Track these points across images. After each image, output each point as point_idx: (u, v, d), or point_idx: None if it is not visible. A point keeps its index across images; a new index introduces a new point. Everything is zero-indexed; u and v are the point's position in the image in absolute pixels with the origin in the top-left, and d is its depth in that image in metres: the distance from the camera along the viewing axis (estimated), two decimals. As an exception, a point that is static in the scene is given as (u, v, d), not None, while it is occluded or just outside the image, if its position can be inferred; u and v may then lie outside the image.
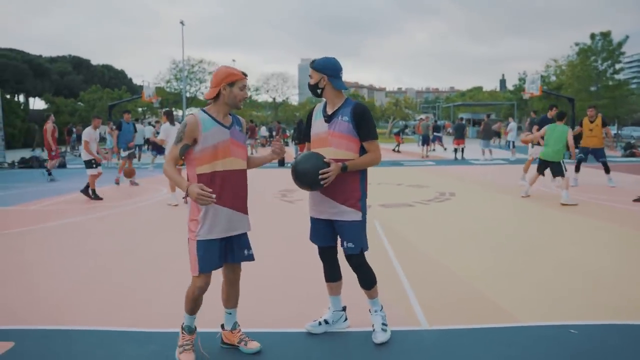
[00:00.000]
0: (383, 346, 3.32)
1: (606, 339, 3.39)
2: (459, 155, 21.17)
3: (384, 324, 3.43)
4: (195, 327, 3.26)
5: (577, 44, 36.36)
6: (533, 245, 5.99)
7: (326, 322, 3.56)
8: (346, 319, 3.63)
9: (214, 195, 2.94)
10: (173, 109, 41.09)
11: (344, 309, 3.63)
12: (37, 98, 49.72)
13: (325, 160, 3.20)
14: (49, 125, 13.01)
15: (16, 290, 4.62)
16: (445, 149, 25.76)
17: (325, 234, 3.42)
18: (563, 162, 9.29)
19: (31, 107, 48.23)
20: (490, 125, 20.10)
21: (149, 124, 34.67)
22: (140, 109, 46.59)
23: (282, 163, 17.83)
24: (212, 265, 3.11)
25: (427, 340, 3.43)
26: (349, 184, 3.30)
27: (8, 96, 37.59)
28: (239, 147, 3.19)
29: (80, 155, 14.20)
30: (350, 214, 3.32)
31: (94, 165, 10.07)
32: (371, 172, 3.47)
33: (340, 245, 3.43)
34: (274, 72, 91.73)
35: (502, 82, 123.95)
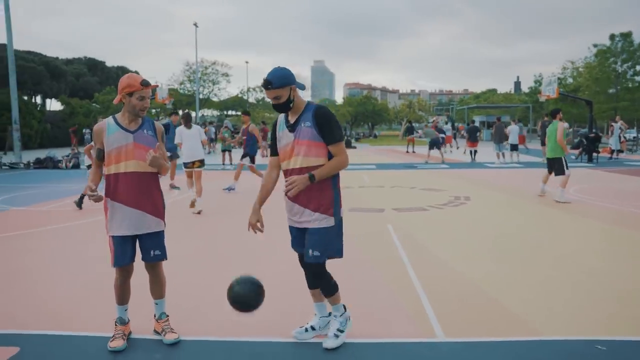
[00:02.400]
0: (399, 356, 3.18)
1: (637, 357, 3.20)
2: (472, 158, 20.98)
3: (339, 330, 3.36)
4: (128, 319, 3.51)
5: (595, 45, 35.85)
6: (555, 254, 5.79)
7: (313, 328, 3.48)
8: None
9: (96, 194, 3.20)
10: (187, 110, 41.21)
11: (330, 314, 3.51)
12: (53, 99, 50.27)
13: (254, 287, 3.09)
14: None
15: (22, 293, 4.56)
16: (451, 151, 25.50)
17: (301, 241, 3.31)
18: (565, 159, 9.43)
19: (47, 108, 48.76)
20: (502, 128, 19.90)
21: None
22: (153, 111, 46.85)
23: None
24: (125, 260, 3.35)
25: (443, 352, 3.28)
26: (320, 191, 3.20)
27: (25, 98, 38.05)
28: (144, 150, 3.32)
29: None
30: (321, 221, 3.21)
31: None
32: (384, 175, 3.33)
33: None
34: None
35: (517, 84, 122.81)
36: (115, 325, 3.46)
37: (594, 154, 20.00)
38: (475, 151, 21.23)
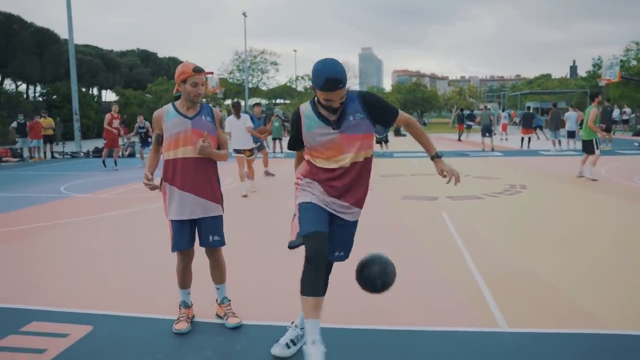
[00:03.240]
0: (463, 345, 3.14)
1: None
2: (525, 145, 20.35)
3: (292, 341, 3.07)
4: (192, 303, 3.60)
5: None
6: (617, 243, 5.55)
7: (293, 342, 3.10)
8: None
9: (151, 183, 3.34)
10: (237, 99, 41.76)
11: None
12: (108, 90, 52.17)
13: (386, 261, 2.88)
14: (108, 115, 13.91)
15: (94, 275, 4.80)
16: (506, 139, 24.71)
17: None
18: (596, 140, 10.40)
19: (103, 99, 50.69)
20: (559, 114, 19.12)
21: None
22: (204, 100, 47.85)
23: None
24: (183, 245, 3.42)
25: (507, 342, 3.21)
26: (363, 184, 2.98)
27: (83, 89, 39.70)
28: (202, 135, 3.35)
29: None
30: (355, 215, 3.01)
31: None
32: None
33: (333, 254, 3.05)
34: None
35: (573, 68, 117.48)
36: (180, 308, 3.57)
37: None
38: (530, 138, 20.57)
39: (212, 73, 4.02)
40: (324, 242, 2.78)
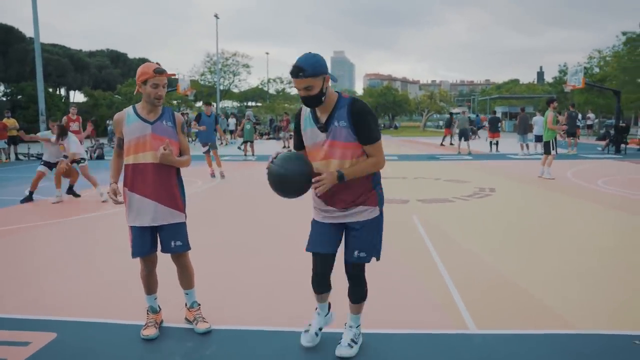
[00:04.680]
0: (432, 347, 3.16)
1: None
2: (494, 149, 20.84)
3: (353, 341, 3.13)
4: (160, 308, 3.56)
5: (624, 33, 34.72)
6: (583, 244, 5.70)
7: (320, 329, 3.27)
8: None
9: (120, 199, 3.31)
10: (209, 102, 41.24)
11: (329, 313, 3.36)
12: (77, 91, 51.03)
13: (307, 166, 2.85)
14: (64, 118, 13.48)
15: (57, 281, 4.66)
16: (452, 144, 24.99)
17: (331, 240, 3.04)
18: (554, 142, 11.48)
19: (71, 100, 49.54)
20: (527, 119, 19.62)
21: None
22: (175, 102, 47.22)
23: None
24: (144, 251, 3.37)
25: (476, 343, 3.25)
26: (359, 185, 2.95)
27: (50, 90, 38.71)
28: (162, 141, 3.27)
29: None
30: (363, 213, 2.97)
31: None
32: (407, 166, 3.24)
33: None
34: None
35: (540, 74, 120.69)
36: (147, 313, 3.50)
37: (622, 145, 19.56)
38: (497, 142, 21.07)
39: (174, 75, 3.92)
40: (324, 263, 3.04)
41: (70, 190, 9.82)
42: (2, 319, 3.70)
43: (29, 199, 9.21)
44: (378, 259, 3.07)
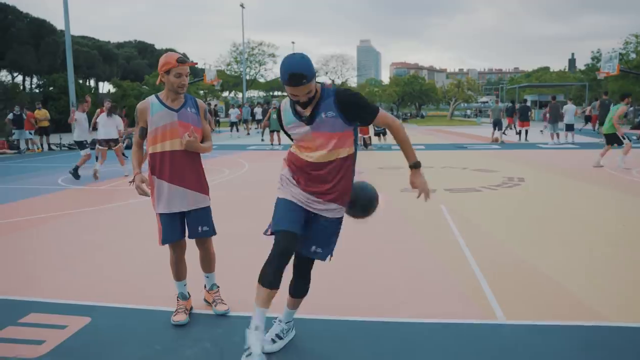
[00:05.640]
0: (459, 338, 3.15)
1: None
2: (523, 138, 20.46)
3: (278, 336, 3.09)
4: (189, 295, 3.60)
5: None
6: (616, 236, 5.56)
7: (279, 337, 3.12)
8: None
9: (148, 192, 3.32)
10: (234, 91, 41.56)
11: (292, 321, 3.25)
12: (105, 82, 51.95)
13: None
14: (98, 111, 13.56)
15: (92, 267, 4.79)
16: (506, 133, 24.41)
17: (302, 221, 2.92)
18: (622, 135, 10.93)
19: (100, 91, 50.47)
20: (558, 107, 19.13)
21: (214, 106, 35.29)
22: (202, 92, 47.70)
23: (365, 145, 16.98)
24: (174, 237, 3.43)
25: (505, 334, 3.22)
26: (343, 178, 2.87)
27: (80, 81, 39.49)
28: (188, 128, 3.33)
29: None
30: (335, 211, 2.90)
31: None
32: (434, 155, 3.19)
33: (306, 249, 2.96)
34: (333, 54, 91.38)
35: (572, 61, 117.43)
36: (177, 300, 3.57)
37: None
38: (527, 131, 20.68)
39: (196, 64, 3.95)
40: (291, 241, 2.79)
41: (75, 171, 10.67)
42: (41, 302, 3.83)
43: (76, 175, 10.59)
44: (330, 259, 3.01)
